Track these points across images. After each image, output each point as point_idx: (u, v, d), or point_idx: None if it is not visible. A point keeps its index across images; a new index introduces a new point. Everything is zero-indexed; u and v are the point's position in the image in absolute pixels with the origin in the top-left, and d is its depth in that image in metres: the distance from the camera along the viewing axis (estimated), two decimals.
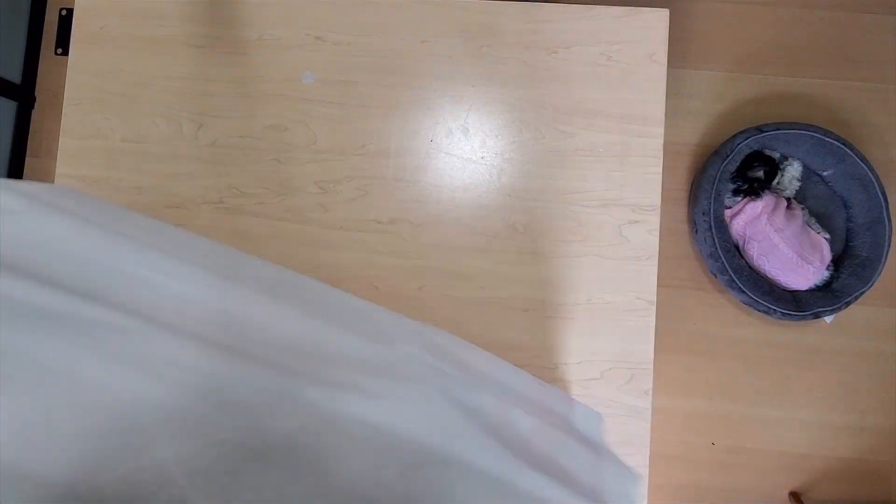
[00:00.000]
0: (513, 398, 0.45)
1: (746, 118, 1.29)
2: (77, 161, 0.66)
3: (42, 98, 1.38)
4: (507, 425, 0.40)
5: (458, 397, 0.38)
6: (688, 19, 1.33)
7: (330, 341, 0.38)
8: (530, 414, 0.43)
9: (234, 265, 0.44)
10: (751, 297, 1.14)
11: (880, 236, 1.15)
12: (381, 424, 0.32)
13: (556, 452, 0.42)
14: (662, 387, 1.26)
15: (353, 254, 0.64)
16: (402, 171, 0.65)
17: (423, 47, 0.66)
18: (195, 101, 0.66)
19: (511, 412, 0.42)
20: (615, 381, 0.61)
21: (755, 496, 1.25)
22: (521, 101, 0.65)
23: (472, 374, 0.46)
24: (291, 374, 0.33)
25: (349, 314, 0.46)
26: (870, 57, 1.31)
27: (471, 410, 0.38)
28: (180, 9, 0.67)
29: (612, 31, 0.65)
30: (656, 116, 0.64)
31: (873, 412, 1.26)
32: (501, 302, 0.63)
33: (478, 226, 0.64)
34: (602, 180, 0.63)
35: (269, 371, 0.33)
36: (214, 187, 0.65)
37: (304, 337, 0.37)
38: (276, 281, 0.45)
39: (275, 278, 0.45)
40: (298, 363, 0.35)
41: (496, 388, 0.46)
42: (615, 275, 0.62)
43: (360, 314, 0.47)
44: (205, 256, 0.43)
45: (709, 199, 1.16)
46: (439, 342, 0.48)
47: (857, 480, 1.25)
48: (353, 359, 0.37)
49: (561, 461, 0.41)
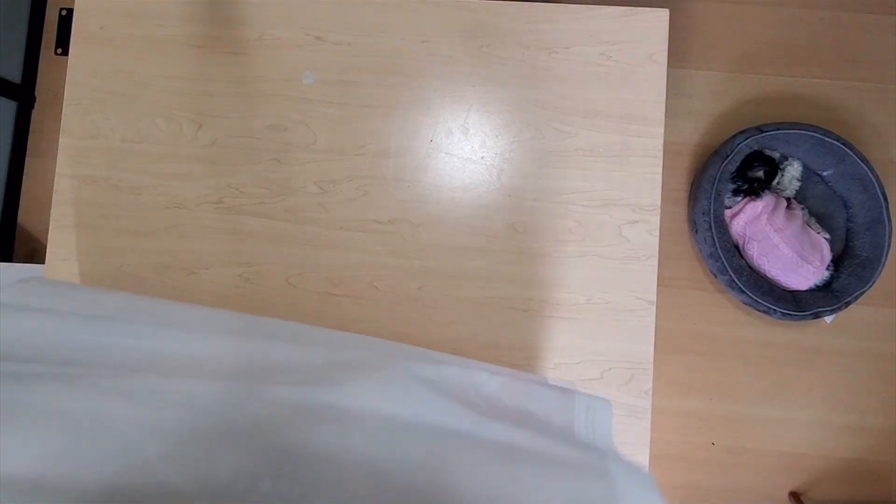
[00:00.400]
0: (478, 365, 0.46)
1: (746, 118, 1.29)
2: (77, 161, 0.66)
3: (42, 98, 1.38)
4: (473, 388, 0.42)
5: (420, 373, 0.40)
6: (688, 19, 1.33)
7: (315, 356, 0.41)
8: (496, 374, 0.44)
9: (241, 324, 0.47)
10: (751, 297, 1.14)
11: (880, 236, 1.15)
12: (350, 406, 0.34)
13: (525, 402, 0.43)
14: (662, 387, 1.26)
15: (353, 254, 0.64)
16: (402, 171, 0.65)
17: (423, 47, 0.66)
18: (195, 101, 0.66)
19: (476, 376, 0.43)
20: (615, 381, 0.61)
21: (755, 496, 1.25)
22: (521, 101, 0.65)
23: (441, 359, 0.47)
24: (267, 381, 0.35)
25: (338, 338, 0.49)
26: (870, 57, 1.31)
27: (434, 384, 0.39)
28: (180, 9, 0.67)
29: (612, 31, 0.65)
30: (656, 116, 0.64)
31: (873, 412, 1.26)
32: (501, 302, 0.63)
33: (478, 226, 0.64)
34: (602, 180, 0.63)
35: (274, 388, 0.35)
36: (214, 187, 0.65)
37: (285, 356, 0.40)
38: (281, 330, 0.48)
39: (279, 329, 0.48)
40: (281, 376, 0.37)
41: (462, 363, 0.47)
42: (615, 275, 0.62)
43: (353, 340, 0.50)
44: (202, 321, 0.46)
45: (709, 199, 1.16)
46: (415, 350, 0.51)
47: (857, 480, 1.25)
48: (329, 364, 0.40)
49: (530, 407, 0.42)
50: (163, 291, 0.64)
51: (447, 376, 0.42)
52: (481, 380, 0.43)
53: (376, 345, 0.50)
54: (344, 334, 0.51)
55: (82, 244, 0.65)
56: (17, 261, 1.36)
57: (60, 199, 0.66)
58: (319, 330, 0.50)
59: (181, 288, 0.64)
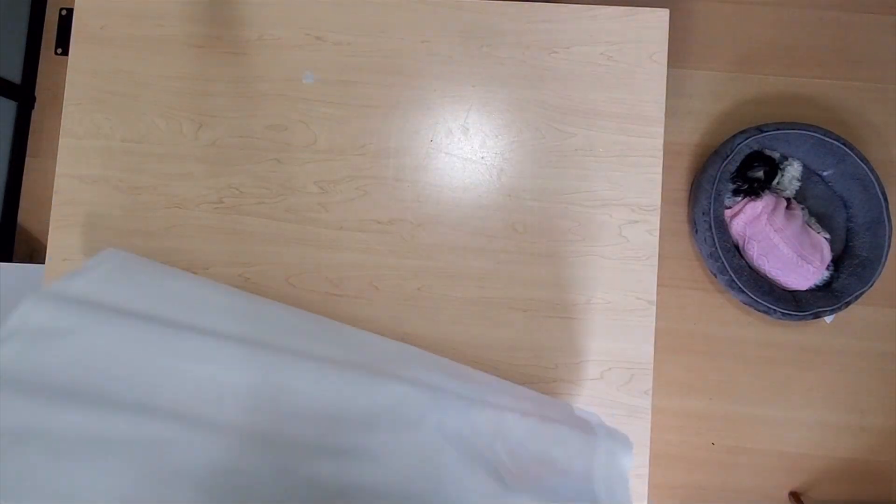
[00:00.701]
0: (507, 400, 0.49)
1: (746, 118, 1.30)
2: (77, 161, 0.66)
3: (42, 98, 1.38)
4: (501, 437, 0.45)
5: (452, 428, 0.44)
6: (688, 19, 1.33)
7: (346, 396, 0.45)
8: (526, 415, 0.47)
9: (267, 324, 0.52)
10: (751, 297, 1.14)
11: (880, 236, 1.15)
12: (381, 486, 0.38)
13: (549, 448, 0.45)
14: (662, 387, 1.26)
15: (353, 254, 0.64)
16: (402, 171, 0.65)
17: (423, 47, 0.66)
18: (195, 101, 0.66)
19: (505, 420, 0.46)
20: (615, 381, 0.61)
21: (755, 496, 1.25)
22: (521, 101, 0.65)
23: (470, 384, 0.50)
24: (306, 449, 0.40)
25: (366, 349, 0.54)
26: (870, 57, 1.31)
27: (464, 440, 0.43)
28: (180, 9, 0.68)
29: (612, 31, 0.65)
30: (656, 116, 0.64)
31: (873, 412, 1.26)
32: (501, 302, 0.63)
33: (478, 226, 0.64)
34: (602, 180, 0.63)
35: (286, 453, 0.39)
36: (214, 187, 0.65)
37: (325, 396, 0.44)
38: (303, 331, 0.53)
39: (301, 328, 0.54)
40: (316, 431, 0.42)
41: (492, 392, 0.51)
42: (615, 275, 0.62)
43: (375, 347, 0.54)
44: (239, 320, 0.51)
45: (709, 199, 1.16)
46: (442, 361, 0.55)
47: (857, 480, 1.25)
48: (364, 413, 0.44)
49: (553, 453, 0.45)
50: None
51: (477, 425, 0.45)
52: (509, 426, 0.46)
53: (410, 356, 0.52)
54: (372, 339, 0.54)
55: (82, 244, 0.65)
56: (17, 261, 1.36)
57: (60, 199, 0.66)
58: (348, 332, 0.53)
59: None
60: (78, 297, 0.47)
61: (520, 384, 0.61)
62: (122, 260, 0.55)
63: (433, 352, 0.62)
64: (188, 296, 0.52)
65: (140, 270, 0.55)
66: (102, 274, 0.51)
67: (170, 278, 0.56)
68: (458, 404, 0.46)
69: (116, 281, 0.51)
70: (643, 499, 0.59)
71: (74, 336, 0.44)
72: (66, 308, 0.45)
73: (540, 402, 0.55)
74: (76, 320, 0.45)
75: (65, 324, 0.44)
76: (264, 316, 0.54)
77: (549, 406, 0.55)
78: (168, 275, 0.57)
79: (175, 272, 0.58)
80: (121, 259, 0.55)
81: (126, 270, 0.54)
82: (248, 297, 0.56)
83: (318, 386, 0.45)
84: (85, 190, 0.66)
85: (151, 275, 0.55)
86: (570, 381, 0.62)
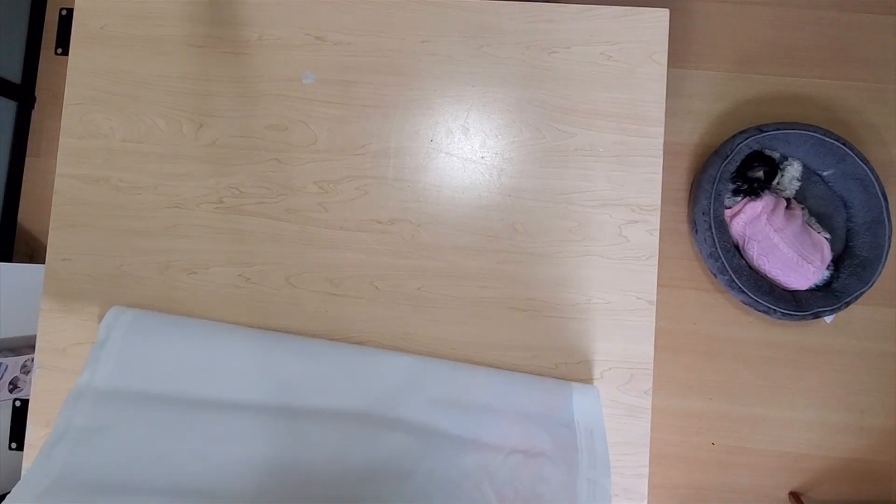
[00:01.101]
0: (498, 432, 0.54)
1: (746, 118, 1.30)
2: (77, 161, 0.66)
3: (42, 98, 1.38)
4: (488, 477, 0.50)
5: (441, 474, 0.49)
6: (688, 19, 1.33)
7: (348, 450, 0.51)
8: (512, 452, 0.53)
9: (278, 383, 0.57)
10: (751, 297, 1.14)
11: (880, 236, 1.15)
12: None
13: (534, 485, 0.51)
14: (662, 387, 1.26)
15: (353, 254, 0.64)
16: (402, 171, 0.65)
17: (423, 47, 0.66)
18: (195, 101, 0.66)
19: (492, 461, 0.52)
20: (615, 381, 0.61)
21: (755, 496, 1.25)
22: (521, 101, 0.65)
23: (467, 414, 0.55)
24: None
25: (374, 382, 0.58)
26: (870, 57, 1.31)
27: (453, 484, 0.49)
28: (180, 9, 0.68)
29: (612, 31, 0.65)
30: (656, 116, 0.64)
31: (873, 412, 1.26)
32: (501, 302, 0.63)
33: (478, 226, 0.64)
34: (602, 180, 0.63)
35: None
36: (214, 187, 0.65)
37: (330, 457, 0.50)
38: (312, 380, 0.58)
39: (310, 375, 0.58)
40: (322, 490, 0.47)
41: (486, 421, 0.56)
42: (615, 275, 0.62)
43: (382, 379, 0.59)
44: (252, 384, 0.56)
45: (709, 199, 1.16)
46: (443, 374, 0.59)
47: (857, 480, 1.25)
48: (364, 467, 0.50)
49: (538, 489, 0.51)
50: (163, 291, 0.64)
51: (466, 468, 0.51)
52: (496, 465, 0.51)
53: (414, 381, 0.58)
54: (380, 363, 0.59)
55: (82, 244, 0.65)
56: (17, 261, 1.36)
57: (60, 199, 0.66)
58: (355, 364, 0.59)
59: (181, 288, 0.64)
60: (108, 390, 0.55)
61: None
62: (132, 321, 0.60)
63: (433, 352, 0.62)
64: (202, 362, 0.58)
65: (153, 331, 0.60)
66: (120, 348, 0.57)
67: (182, 340, 0.60)
68: (449, 450, 0.52)
69: (134, 358, 0.57)
70: (643, 499, 0.59)
71: (112, 430, 0.51)
72: (101, 405, 0.53)
73: (535, 394, 0.58)
74: (112, 416, 0.53)
75: (102, 421, 0.52)
76: (274, 371, 0.58)
77: (545, 393, 0.58)
78: (179, 334, 0.60)
79: (185, 329, 0.61)
80: (130, 320, 0.60)
81: (140, 339, 0.59)
82: (256, 348, 0.59)
83: (324, 448, 0.51)
84: (85, 190, 0.66)
85: (164, 337, 0.60)
86: (570, 381, 0.61)
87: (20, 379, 1.09)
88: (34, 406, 0.64)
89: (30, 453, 0.63)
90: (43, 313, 0.64)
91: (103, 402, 0.54)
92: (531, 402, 0.57)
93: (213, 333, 0.60)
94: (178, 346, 0.59)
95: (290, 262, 0.64)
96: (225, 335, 0.60)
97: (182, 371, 0.57)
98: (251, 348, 0.59)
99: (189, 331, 0.60)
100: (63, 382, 0.63)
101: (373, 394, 0.56)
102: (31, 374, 0.64)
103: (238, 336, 0.60)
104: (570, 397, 0.58)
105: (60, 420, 0.52)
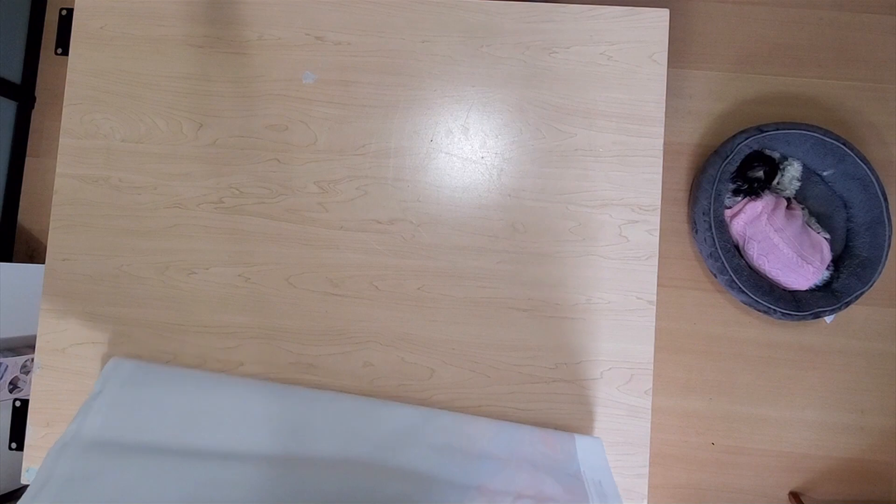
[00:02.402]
0: (503, 478, 0.53)
1: (746, 118, 1.30)
2: (77, 161, 0.66)
3: (42, 98, 1.38)
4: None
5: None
6: (688, 19, 1.33)
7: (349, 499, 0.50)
8: (519, 498, 0.51)
9: (272, 431, 0.56)
10: (751, 297, 1.14)
11: (880, 236, 1.15)
12: None
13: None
14: (662, 387, 1.26)
15: (353, 254, 0.64)
16: (402, 171, 0.65)
17: (423, 47, 0.66)
18: (195, 101, 0.66)
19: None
20: (615, 381, 0.61)
21: (755, 496, 1.25)
22: (521, 101, 0.65)
23: (470, 463, 0.55)
24: None
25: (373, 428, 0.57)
26: (870, 57, 1.31)
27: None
28: (180, 9, 0.68)
29: (612, 31, 0.65)
30: (656, 116, 0.64)
31: (873, 412, 1.26)
32: (501, 302, 0.63)
33: (478, 226, 0.64)
34: (602, 180, 0.63)
35: None
36: (214, 187, 0.65)
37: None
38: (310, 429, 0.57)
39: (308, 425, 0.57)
40: None
41: (491, 468, 0.54)
42: (615, 275, 0.62)
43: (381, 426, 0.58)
44: (246, 431, 0.55)
45: (709, 199, 1.16)
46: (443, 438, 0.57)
47: (857, 480, 1.25)
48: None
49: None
50: (163, 291, 0.64)
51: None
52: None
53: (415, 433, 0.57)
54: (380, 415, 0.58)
55: (82, 244, 0.65)
56: (17, 261, 1.36)
57: (60, 199, 0.66)
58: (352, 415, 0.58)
59: (181, 288, 0.64)
60: (97, 439, 0.53)
61: (520, 384, 0.61)
62: (130, 373, 0.59)
63: (433, 352, 0.62)
64: (201, 412, 0.57)
65: (151, 383, 0.59)
66: (115, 399, 0.56)
67: (181, 391, 0.59)
68: (452, 497, 0.51)
69: (130, 409, 0.56)
70: (643, 499, 0.59)
71: (100, 478, 0.50)
72: (88, 453, 0.52)
73: (537, 452, 0.57)
74: (99, 465, 0.51)
75: (88, 470, 0.50)
76: (274, 421, 0.57)
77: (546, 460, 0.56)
78: (178, 385, 0.59)
79: (184, 380, 0.60)
80: (128, 372, 0.59)
81: (137, 390, 0.58)
82: (256, 398, 0.59)
83: (323, 497, 0.50)
84: (85, 190, 0.66)
85: (162, 388, 0.59)
86: (571, 381, 0.62)
87: (20, 379, 1.09)
88: (34, 406, 0.64)
89: (29, 453, 0.63)
90: (43, 313, 0.65)
91: (91, 451, 0.52)
92: (535, 452, 0.56)
93: (212, 384, 0.59)
94: (176, 397, 0.58)
95: (290, 262, 0.64)
96: (225, 386, 0.59)
97: (180, 421, 0.55)
98: (251, 398, 0.58)
99: (188, 381, 0.59)
100: (63, 382, 0.63)
101: (372, 442, 0.55)
102: (31, 374, 0.64)
103: (238, 387, 0.59)
104: (574, 448, 0.57)
105: (41, 471, 0.50)
